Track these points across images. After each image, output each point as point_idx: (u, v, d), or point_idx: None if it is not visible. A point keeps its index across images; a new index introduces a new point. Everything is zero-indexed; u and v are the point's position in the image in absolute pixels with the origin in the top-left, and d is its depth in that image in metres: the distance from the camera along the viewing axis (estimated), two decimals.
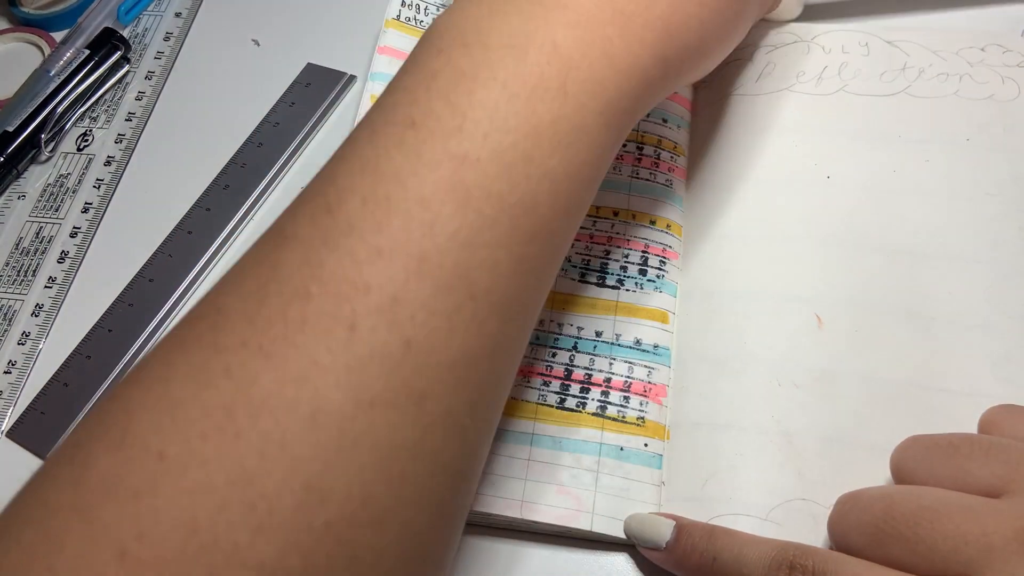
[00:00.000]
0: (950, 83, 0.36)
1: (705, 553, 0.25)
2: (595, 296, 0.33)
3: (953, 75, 0.36)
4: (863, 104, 0.36)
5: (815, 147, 0.35)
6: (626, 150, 0.36)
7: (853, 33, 0.38)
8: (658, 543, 0.27)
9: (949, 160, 0.34)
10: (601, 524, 0.28)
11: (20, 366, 0.35)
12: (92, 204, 0.40)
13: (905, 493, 0.23)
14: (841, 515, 0.24)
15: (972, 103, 0.35)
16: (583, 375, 0.31)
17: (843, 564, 0.22)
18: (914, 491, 0.23)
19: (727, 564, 0.25)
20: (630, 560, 0.29)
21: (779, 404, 0.30)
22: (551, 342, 0.32)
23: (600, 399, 0.31)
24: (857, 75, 0.37)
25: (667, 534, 0.27)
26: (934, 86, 0.36)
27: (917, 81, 0.36)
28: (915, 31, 0.38)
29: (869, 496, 0.23)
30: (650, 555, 0.28)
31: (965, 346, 0.30)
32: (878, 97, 0.36)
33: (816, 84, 0.37)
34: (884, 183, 0.34)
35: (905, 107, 0.36)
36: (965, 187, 0.33)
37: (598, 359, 0.31)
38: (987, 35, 0.37)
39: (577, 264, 0.33)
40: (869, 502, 0.23)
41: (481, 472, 0.23)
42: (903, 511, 0.22)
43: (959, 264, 0.32)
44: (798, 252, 0.33)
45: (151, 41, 0.45)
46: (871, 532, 0.22)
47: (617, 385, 0.31)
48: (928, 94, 0.36)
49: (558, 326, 0.32)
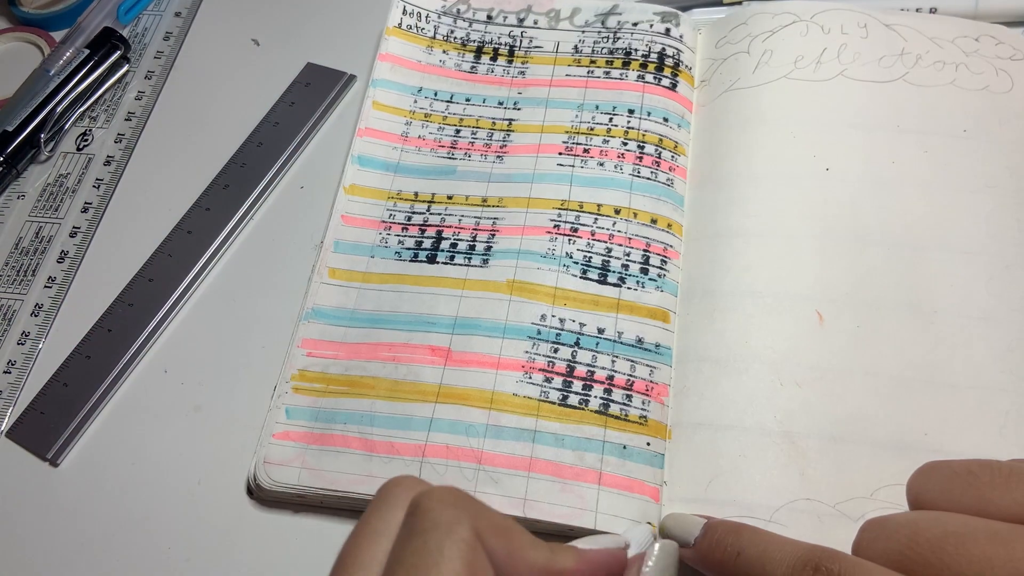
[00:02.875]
0: (947, 72, 0.36)
1: (730, 548, 0.25)
2: (597, 293, 0.33)
3: (950, 64, 0.36)
4: (862, 91, 0.36)
5: (814, 138, 0.35)
6: (627, 149, 0.36)
7: (852, 13, 0.38)
8: (687, 540, 0.27)
9: (947, 151, 0.34)
10: (604, 522, 0.28)
11: (20, 366, 0.35)
12: (92, 204, 0.40)
13: (931, 519, 0.22)
14: (866, 542, 0.24)
15: (968, 94, 0.35)
16: (585, 372, 0.31)
17: (871, 572, 0.22)
18: (940, 517, 0.22)
19: (751, 561, 0.24)
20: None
21: (781, 404, 0.30)
22: (553, 338, 0.32)
23: (603, 397, 0.30)
24: (856, 59, 0.36)
25: (696, 532, 0.27)
26: (931, 74, 0.36)
27: (915, 68, 0.36)
28: (911, 15, 0.38)
29: (895, 523, 0.23)
30: (680, 553, 0.28)
31: (967, 338, 0.30)
32: (877, 84, 0.36)
33: (815, 69, 0.36)
34: (883, 174, 0.34)
35: (903, 95, 0.36)
36: (964, 179, 0.33)
37: (600, 356, 0.31)
38: (980, 26, 0.37)
39: (579, 261, 0.33)
40: (894, 529, 0.23)
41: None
42: (928, 537, 0.21)
43: (960, 256, 0.32)
44: (798, 248, 0.33)
45: (151, 41, 0.45)
46: (897, 560, 0.22)
47: (620, 383, 0.31)
48: (926, 82, 0.36)
49: (560, 322, 0.32)
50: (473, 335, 0.32)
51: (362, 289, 0.34)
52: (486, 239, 0.34)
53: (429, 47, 0.40)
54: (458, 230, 0.35)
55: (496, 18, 0.41)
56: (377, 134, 0.37)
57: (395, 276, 0.34)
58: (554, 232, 0.34)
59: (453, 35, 0.40)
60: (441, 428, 0.30)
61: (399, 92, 0.38)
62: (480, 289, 0.33)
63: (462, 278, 0.33)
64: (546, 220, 0.34)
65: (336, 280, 0.34)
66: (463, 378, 0.31)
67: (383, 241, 0.35)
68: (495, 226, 0.35)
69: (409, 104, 0.38)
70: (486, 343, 0.32)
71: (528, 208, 0.35)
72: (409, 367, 0.32)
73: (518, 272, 0.33)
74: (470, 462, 0.30)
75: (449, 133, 0.38)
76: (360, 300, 0.34)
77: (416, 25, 0.40)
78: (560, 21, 0.40)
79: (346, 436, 0.31)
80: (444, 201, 0.36)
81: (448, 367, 0.31)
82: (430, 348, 0.32)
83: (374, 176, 0.36)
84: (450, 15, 0.41)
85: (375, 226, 0.35)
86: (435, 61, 0.40)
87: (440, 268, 0.34)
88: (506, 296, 0.33)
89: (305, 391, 0.32)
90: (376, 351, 0.32)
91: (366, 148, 0.37)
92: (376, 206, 0.36)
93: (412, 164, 0.37)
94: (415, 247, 0.35)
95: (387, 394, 0.31)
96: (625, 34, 0.39)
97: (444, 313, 0.33)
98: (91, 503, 0.32)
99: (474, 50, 0.40)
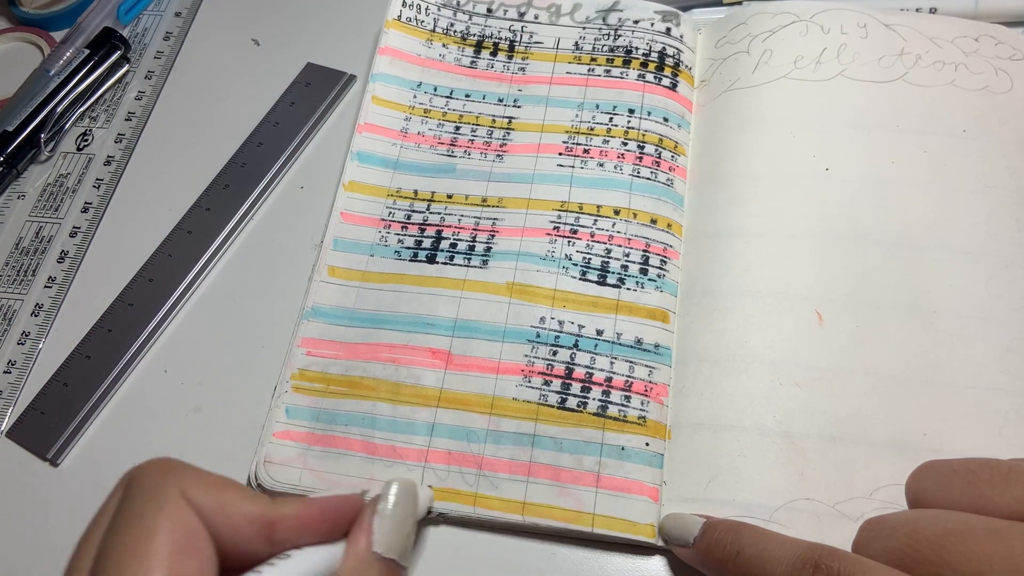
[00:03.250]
0: (946, 72, 0.36)
1: (729, 547, 0.25)
2: (596, 295, 0.33)
3: (949, 64, 0.36)
4: (861, 91, 0.36)
5: (814, 138, 0.35)
6: (627, 149, 0.36)
7: (851, 13, 0.37)
8: (687, 540, 0.27)
9: (947, 151, 0.34)
10: (603, 524, 0.28)
11: (20, 366, 0.35)
12: (92, 204, 0.40)
13: (930, 517, 0.22)
14: (866, 541, 0.24)
15: (968, 94, 0.35)
16: (584, 374, 0.31)
17: (871, 570, 0.22)
18: (940, 515, 0.22)
19: (750, 559, 0.24)
20: (628, 558, 0.29)
21: (780, 404, 0.30)
22: (552, 340, 0.32)
23: (601, 399, 0.30)
24: (856, 58, 0.36)
25: (695, 531, 0.27)
26: (931, 74, 0.36)
27: (915, 68, 0.36)
28: (910, 15, 0.37)
29: (894, 521, 0.23)
30: (679, 552, 0.28)
31: (967, 338, 0.30)
32: (876, 84, 0.36)
33: (815, 69, 0.36)
34: (882, 174, 0.34)
35: (903, 95, 0.36)
36: (964, 179, 0.33)
37: (599, 358, 0.31)
38: (979, 26, 0.37)
39: (578, 263, 0.33)
40: (894, 527, 0.23)
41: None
42: (928, 535, 0.21)
43: (960, 256, 0.32)
44: (798, 248, 0.32)
45: (151, 41, 0.45)
46: (897, 558, 0.22)
47: (618, 384, 0.31)
48: (925, 82, 0.36)
49: (559, 324, 0.32)
50: (473, 338, 0.32)
51: (362, 288, 0.34)
52: (486, 240, 0.34)
53: (429, 40, 0.40)
54: (458, 230, 0.35)
55: (496, 11, 0.41)
56: (377, 130, 0.37)
57: (395, 276, 0.34)
58: (554, 234, 0.34)
59: (453, 28, 0.40)
60: (443, 433, 0.30)
61: (399, 87, 0.38)
62: (480, 291, 0.33)
63: (462, 279, 0.33)
64: (546, 222, 0.34)
65: (336, 279, 0.34)
66: (464, 383, 0.31)
67: (383, 240, 0.35)
68: (495, 227, 0.35)
69: (408, 99, 0.38)
70: (486, 347, 0.32)
71: (528, 209, 0.35)
72: (410, 370, 0.32)
73: (517, 274, 0.33)
74: (471, 467, 0.30)
75: (449, 130, 0.38)
76: (360, 299, 0.34)
77: (416, 17, 0.40)
78: (561, 16, 0.40)
79: (348, 438, 0.31)
80: (444, 200, 0.36)
81: (449, 371, 0.31)
82: (430, 351, 0.32)
83: (374, 173, 0.36)
84: (450, 7, 0.41)
85: (375, 224, 0.35)
86: (435, 55, 0.39)
87: (440, 268, 0.34)
88: (506, 298, 0.33)
89: (305, 391, 0.32)
90: (376, 352, 0.32)
91: (366, 144, 0.37)
92: (376, 203, 0.36)
93: (412, 161, 0.37)
94: (415, 246, 0.35)
95: (388, 397, 0.31)
96: (626, 32, 0.39)
97: (444, 315, 0.33)
98: (91, 503, 0.32)
99: (474, 44, 0.40)
